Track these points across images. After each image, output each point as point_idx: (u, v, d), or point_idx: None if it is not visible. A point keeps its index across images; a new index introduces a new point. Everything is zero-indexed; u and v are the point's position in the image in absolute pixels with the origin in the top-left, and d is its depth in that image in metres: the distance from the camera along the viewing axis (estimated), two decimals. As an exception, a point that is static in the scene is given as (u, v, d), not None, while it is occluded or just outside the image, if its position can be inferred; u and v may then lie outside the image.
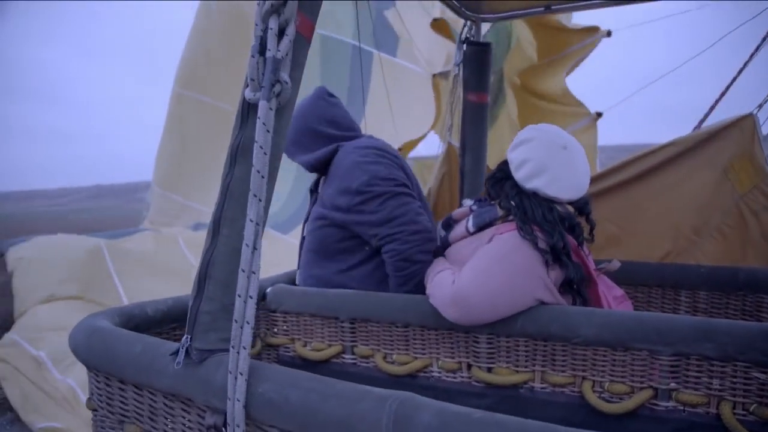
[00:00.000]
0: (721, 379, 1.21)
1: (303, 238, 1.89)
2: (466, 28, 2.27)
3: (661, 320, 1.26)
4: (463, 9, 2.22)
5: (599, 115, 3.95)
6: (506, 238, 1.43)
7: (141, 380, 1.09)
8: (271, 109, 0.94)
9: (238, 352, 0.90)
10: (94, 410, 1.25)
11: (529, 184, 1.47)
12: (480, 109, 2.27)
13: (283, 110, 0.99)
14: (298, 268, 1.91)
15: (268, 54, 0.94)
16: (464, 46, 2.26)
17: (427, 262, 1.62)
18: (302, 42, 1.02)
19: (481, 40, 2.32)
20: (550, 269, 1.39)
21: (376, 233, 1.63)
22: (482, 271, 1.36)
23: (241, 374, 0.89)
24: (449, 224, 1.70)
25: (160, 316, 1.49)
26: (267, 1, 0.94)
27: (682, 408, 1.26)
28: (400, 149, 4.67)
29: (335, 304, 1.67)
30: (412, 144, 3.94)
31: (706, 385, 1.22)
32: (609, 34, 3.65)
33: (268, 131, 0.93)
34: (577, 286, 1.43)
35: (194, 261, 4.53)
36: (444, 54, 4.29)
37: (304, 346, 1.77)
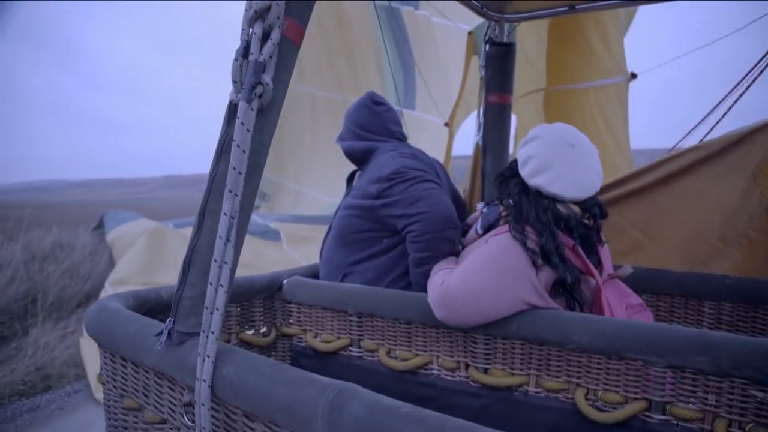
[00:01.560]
0: (716, 395, 1.16)
1: (330, 227, 1.97)
2: (489, 29, 2.26)
3: (655, 330, 1.22)
4: (485, 9, 2.21)
5: (634, 76, 3.76)
6: (498, 239, 1.43)
7: (134, 358, 1.18)
8: (252, 109, 0.99)
9: (207, 336, 0.96)
10: (104, 383, 1.36)
11: (533, 181, 1.47)
12: (502, 111, 2.25)
13: (267, 110, 1.04)
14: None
15: (251, 57, 0.99)
16: (487, 46, 2.25)
17: (447, 248, 1.64)
18: (290, 45, 1.07)
19: (504, 40, 2.29)
20: (539, 271, 1.37)
21: (405, 212, 1.66)
22: (470, 272, 1.37)
23: (209, 357, 0.95)
24: (465, 231, 1.72)
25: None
26: (251, 8, 1.00)
27: (675, 422, 1.22)
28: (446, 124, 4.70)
29: (345, 298, 1.72)
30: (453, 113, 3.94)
31: (702, 400, 1.18)
32: (634, 76, 3.55)
33: (247, 131, 0.98)
34: (570, 288, 1.41)
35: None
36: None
37: (315, 337, 1.84)
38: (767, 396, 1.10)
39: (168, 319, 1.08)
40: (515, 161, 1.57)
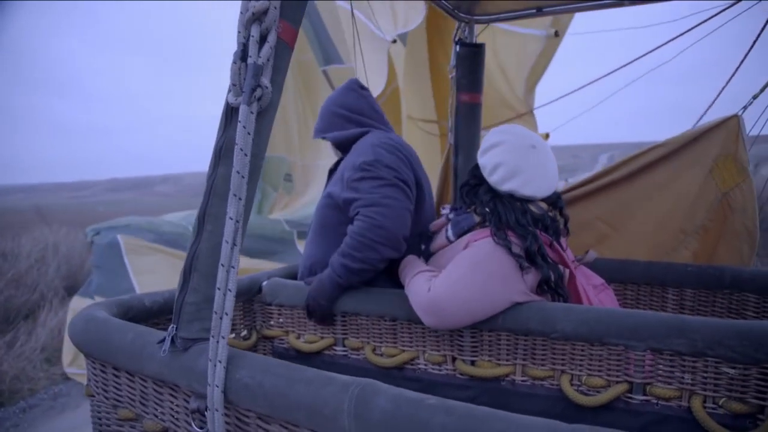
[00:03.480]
0: (692, 374, 1.25)
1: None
2: (458, 30, 2.32)
3: (635, 316, 1.30)
4: (456, 11, 2.26)
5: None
6: (480, 244, 1.46)
7: (132, 367, 1.15)
8: (252, 112, 0.99)
9: (217, 342, 0.95)
10: (92, 396, 1.32)
11: (505, 187, 1.50)
12: (473, 109, 2.31)
13: (264, 113, 1.04)
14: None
15: (250, 60, 0.99)
16: (457, 47, 2.30)
17: (374, 260, 1.59)
18: (284, 48, 1.07)
19: (474, 41, 2.36)
20: (525, 273, 1.42)
21: (359, 208, 1.62)
22: (457, 279, 1.39)
23: (220, 362, 0.95)
24: (429, 237, 1.72)
25: (157, 308, 1.56)
26: (249, 11, 0.99)
27: (655, 401, 1.30)
28: None
29: None
30: None
31: (678, 379, 1.26)
32: (556, 34, 3.64)
33: (248, 134, 0.98)
34: (555, 285, 1.47)
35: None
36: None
37: (298, 338, 1.83)
38: (738, 372, 1.20)
39: (170, 326, 1.07)
40: (477, 168, 1.60)
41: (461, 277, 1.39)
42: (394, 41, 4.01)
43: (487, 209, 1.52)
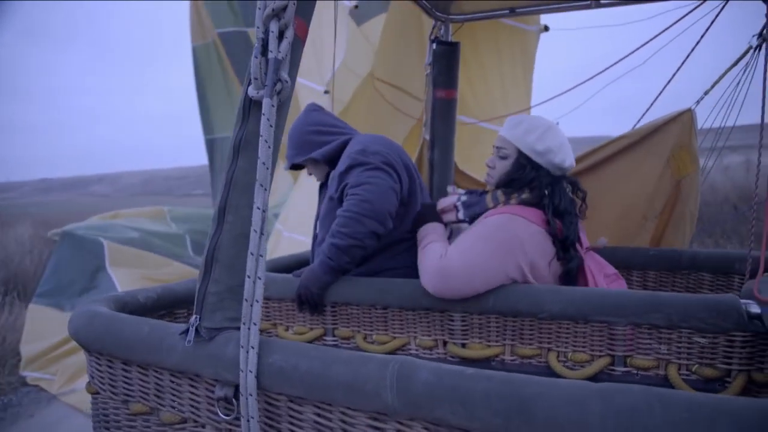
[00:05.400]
0: (668, 344, 1.37)
1: (315, 235, 1.95)
2: (434, 28, 2.40)
3: (618, 295, 1.42)
4: (433, 10, 2.35)
5: None
6: (493, 220, 1.58)
7: (148, 360, 1.16)
8: (273, 105, 1.02)
9: (249, 328, 0.98)
10: (95, 393, 1.31)
11: (567, 163, 1.67)
12: (448, 105, 2.40)
13: (282, 107, 1.08)
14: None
15: (270, 55, 1.02)
16: (433, 45, 2.38)
17: (363, 234, 1.62)
18: (298, 43, 1.11)
19: (450, 39, 2.45)
20: (552, 262, 1.57)
21: (349, 189, 1.66)
22: (469, 247, 1.51)
23: (252, 348, 0.98)
24: (434, 214, 1.81)
25: (151, 303, 1.55)
26: (268, 7, 1.02)
27: (636, 372, 1.42)
28: None
29: None
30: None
31: (656, 350, 1.38)
32: (546, 28, 3.77)
33: (271, 126, 1.01)
34: (574, 275, 1.61)
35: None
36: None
37: (287, 330, 1.86)
38: (708, 341, 1.33)
39: (193, 317, 1.08)
40: (523, 156, 1.68)
41: (471, 246, 1.51)
42: (356, 6, 3.97)
43: (546, 192, 1.64)
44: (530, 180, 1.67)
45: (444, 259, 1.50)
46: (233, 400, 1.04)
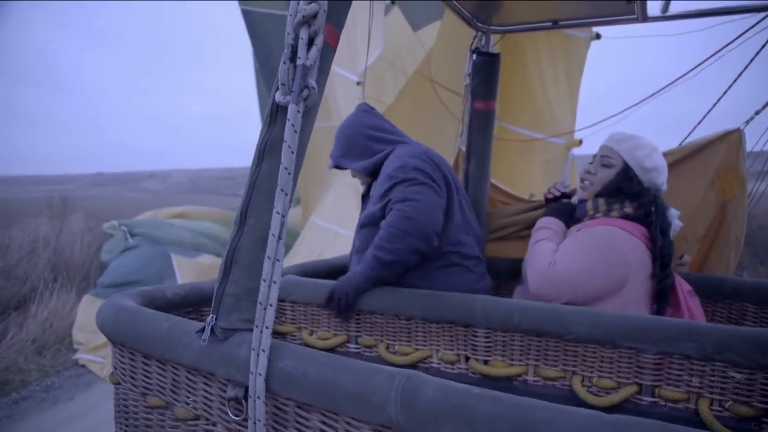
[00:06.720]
0: (700, 377, 1.30)
1: (354, 243, 1.96)
2: (475, 39, 2.37)
3: (648, 321, 1.36)
4: (474, 20, 2.32)
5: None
6: (599, 231, 1.66)
7: (166, 355, 1.18)
8: (299, 111, 1.03)
9: (261, 331, 0.99)
10: (117, 384, 1.35)
11: (663, 188, 1.78)
12: (486, 117, 2.36)
13: (309, 112, 1.09)
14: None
15: (299, 62, 1.03)
16: (474, 55, 2.36)
17: (405, 251, 1.61)
18: (328, 50, 1.12)
19: (490, 50, 2.42)
20: (644, 280, 1.61)
21: (392, 205, 1.66)
22: (574, 258, 1.62)
23: (264, 351, 0.98)
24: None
25: (178, 300, 1.59)
26: (299, 14, 1.03)
27: (663, 403, 1.35)
28: None
29: None
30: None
31: (687, 382, 1.32)
32: (598, 36, 3.69)
33: (295, 132, 1.02)
34: (667, 294, 1.64)
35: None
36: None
37: (311, 334, 1.87)
38: (744, 377, 1.25)
39: (210, 316, 1.10)
40: (630, 170, 1.75)
41: (580, 255, 1.61)
42: (393, 2, 3.97)
43: (652, 208, 1.69)
44: (635, 193, 1.72)
45: (552, 267, 1.61)
46: (243, 401, 1.05)
